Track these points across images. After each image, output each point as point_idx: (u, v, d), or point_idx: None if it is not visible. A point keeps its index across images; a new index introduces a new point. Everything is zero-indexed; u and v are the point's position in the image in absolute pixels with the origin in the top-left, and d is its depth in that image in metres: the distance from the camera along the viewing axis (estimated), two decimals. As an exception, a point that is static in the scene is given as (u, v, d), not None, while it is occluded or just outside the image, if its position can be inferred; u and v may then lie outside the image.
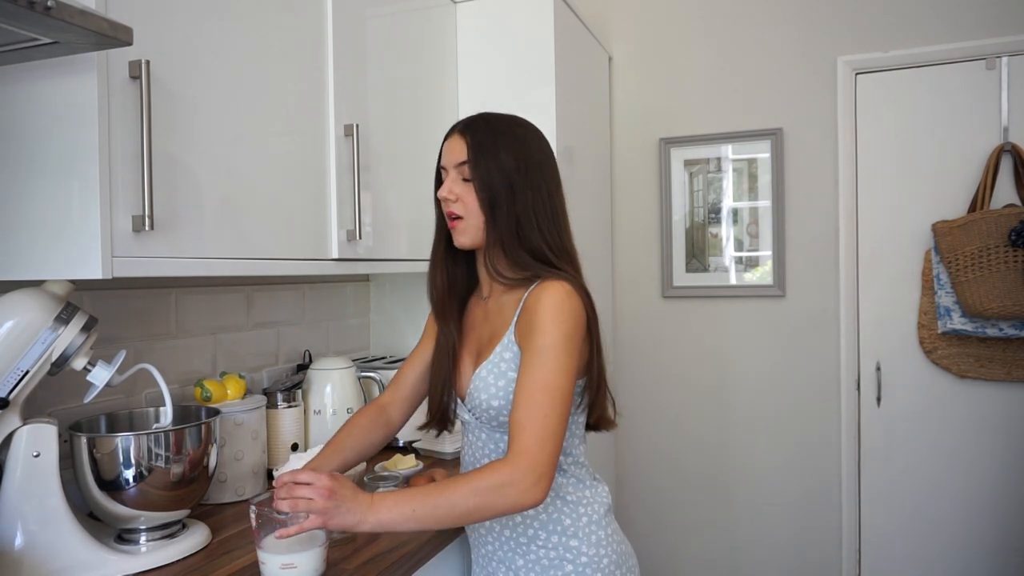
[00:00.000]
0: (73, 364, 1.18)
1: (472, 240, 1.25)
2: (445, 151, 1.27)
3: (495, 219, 1.22)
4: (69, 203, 1.06)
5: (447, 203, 1.25)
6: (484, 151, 1.22)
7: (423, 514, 1.08)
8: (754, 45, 2.65)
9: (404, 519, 1.08)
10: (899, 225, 2.49)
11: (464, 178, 1.23)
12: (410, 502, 1.09)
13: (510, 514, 1.17)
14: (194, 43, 1.24)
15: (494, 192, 1.21)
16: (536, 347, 1.15)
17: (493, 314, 1.30)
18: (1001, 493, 2.40)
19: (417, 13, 1.99)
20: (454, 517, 1.10)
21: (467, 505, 1.09)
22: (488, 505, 1.10)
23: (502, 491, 1.09)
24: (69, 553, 1.15)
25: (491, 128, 1.25)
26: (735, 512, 2.73)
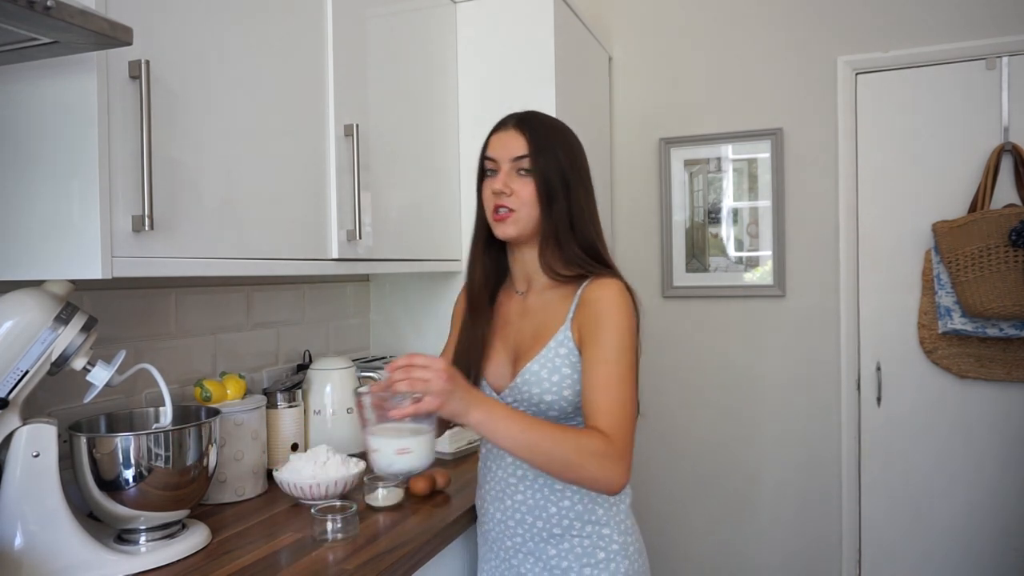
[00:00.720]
0: (73, 364, 1.18)
1: (518, 232, 1.26)
2: (498, 145, 1.28)
3: (551, 213, 1.25)
4: (69, 203, 1.06)
5: (499, 196, 1.25)
6: (543, 146, 1.25)
7: (524, 439, 1.10)
8: (754, 45, 2.65)
9: (507, 431, 1.10)
10: (899, 225, 2.49)
11: (520, 172, 1.25)
12: (519, 422, 1.11)
13: (585, 486, 1.15)
14: (194, 43, 1.24)
15: (551, 187, 1.24)
16: (606, 340, 1.19)
17: (536, 309, 1.31)
18: (1001, 493, 2.40)
19: (417, 13, 1.99)
20: (545, 460, 1.11)
21: (564, 457, 1.10)
22: (580, 466, 1.11)
23: (599, 461, 1.11)
24: (69, 553, 1.15)
25: (546, 125, 1.29)
26: (735, 512, 2.73)
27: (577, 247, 1.25)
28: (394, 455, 1.11)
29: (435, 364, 1.07)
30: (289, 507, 1.53)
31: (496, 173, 1.28)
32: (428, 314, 2.28)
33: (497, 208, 1.26)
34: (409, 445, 1.11)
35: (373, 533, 1.38)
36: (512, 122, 1.29)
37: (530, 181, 1.24)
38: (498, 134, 1.29)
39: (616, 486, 1.13)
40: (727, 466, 2.73)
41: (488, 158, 1.30)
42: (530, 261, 1.32)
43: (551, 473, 1.14)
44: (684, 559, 2.80)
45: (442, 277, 2.24)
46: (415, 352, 1.14)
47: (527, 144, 1.25)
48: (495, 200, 1.26)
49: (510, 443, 1.10)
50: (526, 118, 1.29)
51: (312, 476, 1.50)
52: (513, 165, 1.25)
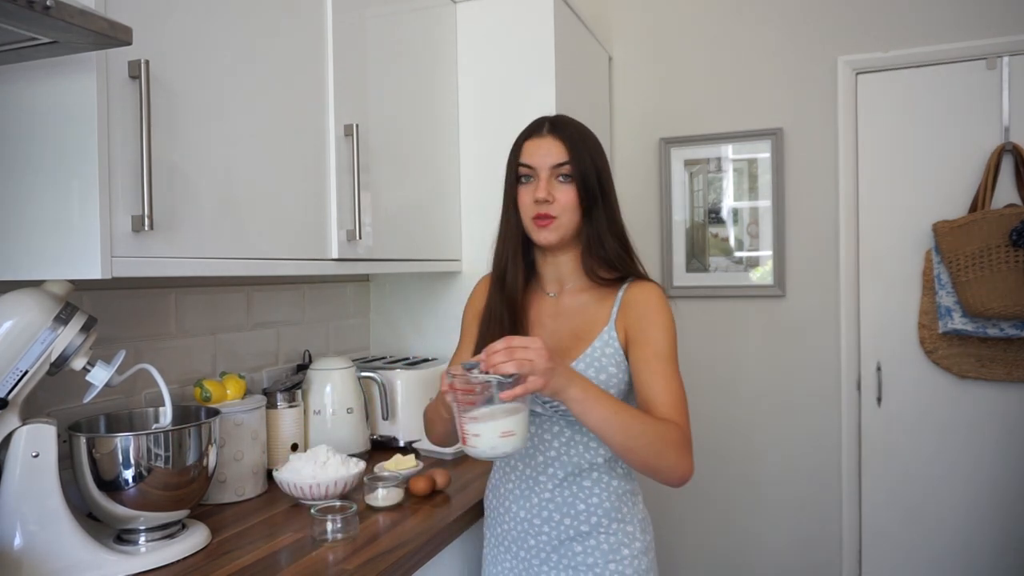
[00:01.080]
0: (72, 364, 1.18)
1: (560, 238, 1.29)
2: (535, 151, 1.29)
3: (592, 218, 1.28)
4: (69, 203, 1.06)
5: (542, 205, 1.26)
6: (581, 152, 1.28)
7: (618, 420, 1.12)
8: (754, 45, 2.65)
9: (602, 410, 1.11)
10: (900, 225, 2.49)
11: (560, 179, 1.27)
12: (612, 403, 1.13)
13: (659, 474, 1.17)
14: (194, 43, 1.24)
15: (591, 192, 1.27)
16: (658, 338, 1.24)
17: (572, 311, 1.33)
18: (1001, 493, 2.40)
19: (417, 13, 1.99)
20: (633, 443, 1.13)
21: (651, 442, 1.14)
22: (661, 454, 1.14)
23: (678, 450, 1.15)
24: (68, 553, 1.15)
25: (579, 131, 1.31)
26: (735, 512, 2.72)
27: (618, 250, 1.30)
28: (498, 438, 1.08)
29: (535, 344, 1.07)
30: (289, 507, 1.53)
31: (532, 180, 1.29)
32: (428, 314, 2.28)
33: (538, 215, 1.27)
34: (511, 427, 1.08)
35: (373, 533, 1.38)
36: (546, 128, 1.30)
37: (571, 188, 1.27)
38: (533, 140, 1.30)
39: (686, 476, 1.17)
40: (727, 465, 2.73)
41: (524, 165, 1.30)
42: (564, 264, 1.34)
43: (631, 457, 1.15)
44: (684, 558, 2.80)
45: (442, 277, 2.24)
46: (507, 337, 1.14)
47: (567, 151, 1.27)
48: (536, 208, 1.27)
49: (602, 422, 1.11)
50: (560, 124, 1.31)
51: (312, 476, 1.50)
52: (553, 172, 1.27)
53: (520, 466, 1.36)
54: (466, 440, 1.10)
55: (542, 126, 1.31)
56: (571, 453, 1.31)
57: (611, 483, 1.32)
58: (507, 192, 1.34)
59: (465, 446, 1.11)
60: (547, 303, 1.36)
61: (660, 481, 1.18)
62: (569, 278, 1.35)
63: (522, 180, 1.30)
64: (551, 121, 1.32)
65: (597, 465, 1.31)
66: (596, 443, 1.31)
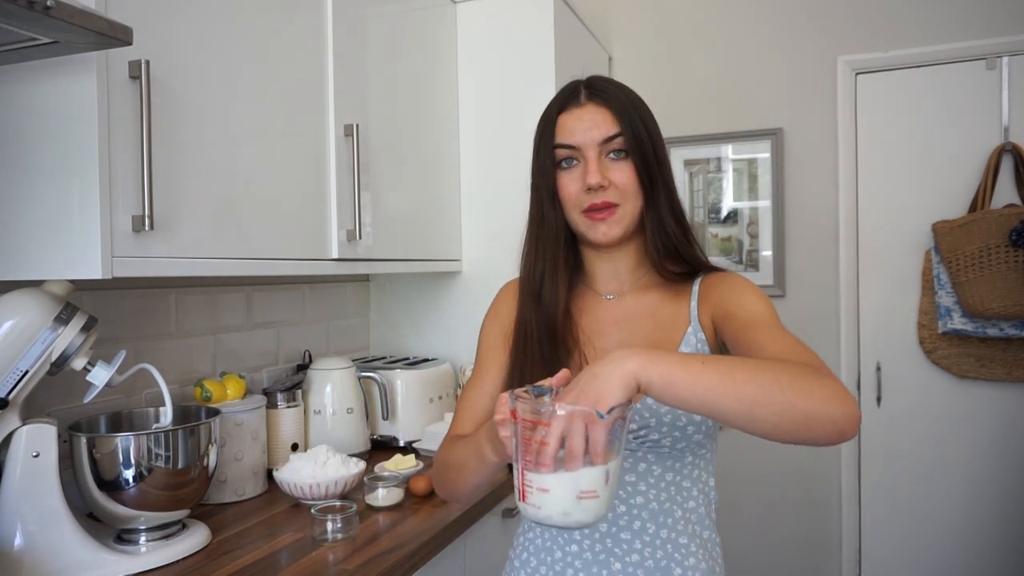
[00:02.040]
0: (73, 364, 1.18)
1: (624, 230, 1.02)
2: (576, 126, 1.02)
3: (655, 200, 1.03)
4: (69, 203, 1.06)
5: (596, 193, 1.00)
6: (633, 118, 1.02)
7: (732, 381, 0.75)
8: (754, 45, 2.65)
9: (701, 378, 0.75)
10: (899, 225, 2.49)
11: (611, 156, 1.01)
12: (704, 363, 0.78)
13: (822, 426, 0.75)
14: (194, 43, 1.24)
15: (650, 167, 1.02)
16: (755, 305, 0.97)
17: (641, 314, 1.07)
18: (1001, 493, 2.40)
19: (417, 13, 1.99)
20: (773, 393, 0.75)
21: (789, 384, 0.75)
22: (814, 392, 0.75)
23: (831, 381, 0.77)
24: (68, 553, 1.15)
25: (623, 90, 1.06)
26: (735, 512, 2.72)
27: (680, 235, 1.04)
28: (574, 499, 0.75)
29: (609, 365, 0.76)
30: (289, 507, 1.53)
31: (576, 162, 1.02)
32: (428, 314, 2.28)
33: (592, 207, 1.01)
34: (595, 484, 0.75)
35: (373, 533, 1.38)
36: (585, 94, 1.04)
37: (627, 165, 1.01)
38: (572, 112, 1.03)
39: (856, 415, 0.77)
40: (727, 466, 2.72)
41: (564, 145, 1.02)
42: (623, 259, 1.08)
43: (771, 414, 0.75)
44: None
45: (442, 277, 2.24)
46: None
47: (616, 119, 1.01)
48: (589, 198, 1.00)
49: (713, 394, 0.75)
50: (599, 86, 1.04)
51: (312, 476, 1.50)
52: (603, 149, 1.01)
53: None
54: (526, 495, 0.77)
55: (578, 92, 1.05)
56: (662, 498, 1.01)
57: (710, 538, 1.04)
58: (540, 184, 1.06)
59: (523, 503, 0.77)
60: (605, 308, 1.09)
61: (822, 438, 0.77)
62: (631, 275, 1.08)
63: (562, 165, 1.03)
64: (589, 84, 1.05)
65: (695, 514, 1.03)
66: (694, 483, 1.03)
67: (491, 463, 0.92)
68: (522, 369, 1.04)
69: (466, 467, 0.98)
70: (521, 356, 1.06)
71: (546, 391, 0.82)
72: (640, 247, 1.07)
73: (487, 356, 1.13)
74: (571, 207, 1.03)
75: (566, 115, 1.04)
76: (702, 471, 1.05)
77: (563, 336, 1.05)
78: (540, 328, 1.05)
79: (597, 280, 1.10)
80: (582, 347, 1.06)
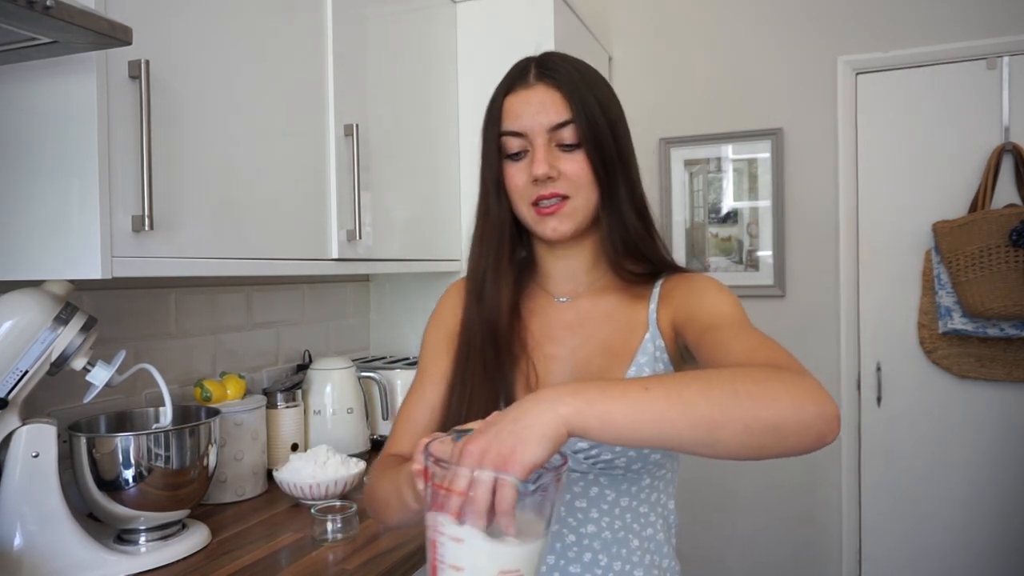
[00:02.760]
0: (72, 364, 1.18)
1: (576, 226, 0.93)
2: (523, 111, 0.92)
3: (613, 192, 0.94)
4: (69, 203, 1.06)
5: (544, 184, 0.91)
6: (587, 100, 0.91)
7: (684, 406, 0.65)
8: (754, 45, 2.65)
9: (649, 409, 0.65)
10: (899, 225, 2.49)
11: (564, 144, 0.91)
12: (645, 388, 0.66)
13: (792, 435, 0.68)
14: (194, 43, 1.24)
15: (607, 156, 0.92)
16: (720, 305, 0.88)
17: (597, 319, 0.97)
18: (1001, 493, 2.40)
19: (417, 13, 1.99)
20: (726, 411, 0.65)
21: (751, 398, 0.65)
22: (775, 399, 0.66)
23: (800, 382, 0.68)
24: (68, 553, 1.14)
25: (578, 68, 0.94)
26: (735, 512, 2.72)
27: (640, 230, 0.96)
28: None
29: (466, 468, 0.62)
30: (289, 507, 1.53)
31: (523, 153, 0.93)
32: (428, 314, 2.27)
33: (540, 200, 0.91)
34: (519, 562, 0.62)
35: (373, 533, 1.37)
36: (535, 73, 0.93)
37: (580, 155, 0.91)
38: (519, 94, 0.93)
39: (835, 415, 0.69)
40: (726, 466, 2.73)
41: (510, 133, 0.92)
42: (578, 258, 0.99)
43: (735, 433, 0.66)
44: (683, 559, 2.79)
45: (442, 277, 2.24)
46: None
47: (567, 103, 0.90)
48: (536, 190, 0.91)
49: (662, 424, 0.65)
50: (551, 64, 0.93)
51: (312, 476, 1.50)
52: (552, 137, 0.91)
53: None
54: (435, 572, 0.64)
55: (527, 72, 0.93)
56: (616, 527, 0.92)
57: (669, 567, 0.97)
58: (485, 173, 0.96)
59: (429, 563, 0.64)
60: (558, 311, 0.99)
61: (799, 448, 0.70)
62: (585, 276, 1.00)
63: (510, 154, 0.94)
64: (540, 63, 0.94)
65: (653, 542, 0.94)
66: (652, 508, 0.94)
67: (413, 510, 0.79)
68: (463, 377, 0.95)
69: (389, 506, 0.86)
70: (463, 363, 0.96)
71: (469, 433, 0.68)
72: (597, 244, 0.98)
73: (428, 363, 1.03)
74: (519, 200, 0.94)
75: (513, 97, 0.93)
76: (661, 494, 0.95)
77: (508, 341, 0.95)
78: (482, 332, 0.96)
79: (550, 280, 1.01)
80: (530, 353, 0.96)
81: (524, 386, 0.94)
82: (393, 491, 0.83)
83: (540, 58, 0.95)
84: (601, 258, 0.99)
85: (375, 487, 0.92)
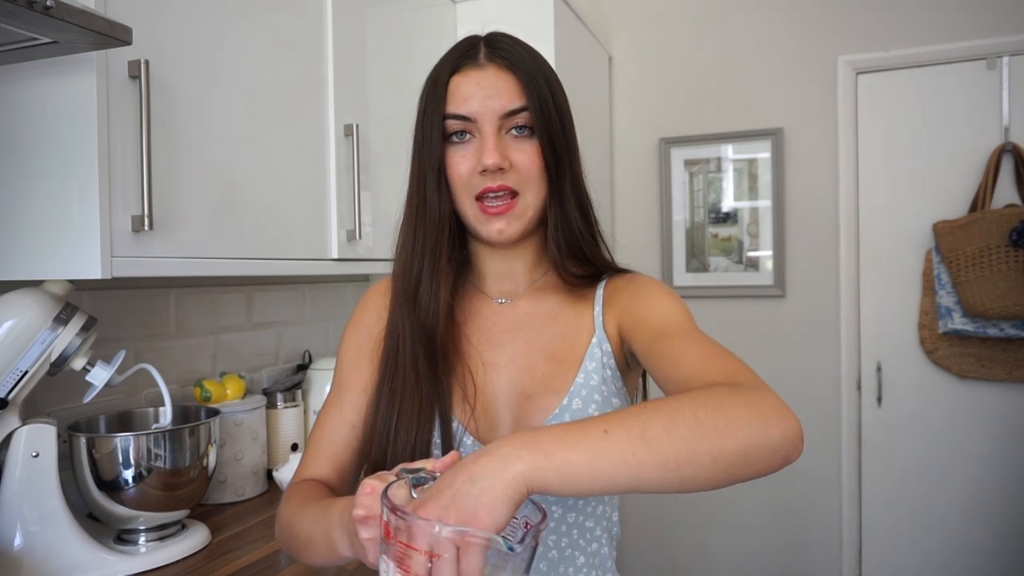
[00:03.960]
0: (72, 364, 1.18)
1: (525, 226, 0.86)
2: (473, 93, 0.84)
3: (560, 189, 0.87)
4: (69, 203, 1.06)
5: (493, 176, 0.83)
6: (542, 89, 0.85)
7: (650, 446, 0.60)
8: (754, 45, 2.65)
9: (587, 452, 0.60)
10: (900, 225, 2.49)
11: (515, 131, 0.84)
12: (603, 431, 0.61)
13: (759, 460, 0.65)
14: (194, 43, 1.24)
15: (558, 149, 0.86)
16: (666, 310, 0.84)
17: (539, 322, 0.91)
18: (1002, 493, 2.40)
19: (417, 13, 1.99)
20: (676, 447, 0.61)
21: (702, 425, 0.62)
22: (739, 428, 0.63)
23: (759, 402, 0.67)
24: (68, 553, 1.14)
25: (529, 52, 0.89)
26: (735, 512, 2.72)
27: (583, 230, 0.89)
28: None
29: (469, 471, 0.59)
30: (289, 507, 1.53)
31: (470, 136, 0.85)
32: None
33: (487, 193, 0.83)
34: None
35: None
36: (485, 53, 0.86)
37: (532, 145, 0.84)
38: (468, 74, 0.84)
39: (798, 434, 0.69)
40: (727, 466, 2.73)
41: (456, 116, 0.84)
42: (519, 257, 0.92)
43: (715, 471, 0.62)
44: (682, 559, 2.80)
45: (442, 277, 2.24)
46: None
47: (521, 89, 0.83)
48: (484, 181, 0.83)
49: (628, 470, 0.60)
50: (503, 44, 0.87)
51: (312, 476, 1.50)
52: (504, 123, 0.83)
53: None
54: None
55: (476, 50, 0.86)
56: (563, 544, 0.87)
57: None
58: (423, 159, 0.87)
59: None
60: (496, 313, 0.92)
61: (764, 470, 0.67)
62: (525, 276, 0.93)
63: (453, 139, 0.85)
64: (487, 41, 0.87)
65: (598, 557, 0.90)
66: (597, 522, 0.90)
67: (340, 556, 0.72)
68: (391, 388, 0.85)
69: (312, 546, 0.76)
70: (391, 371, 0.87)
71: (425, 480, 0.63)
72: (540, 244, 0.92)
73: (347, 375, 0.92)
74: (461, 191, 0.85)
75: (460, 77, 0.85)
76: (606, 507, 0.91)
77: (444, 347, 0.86)
78: (415, 337, 0.86)
79: (487, 280, 0.93)
80: (467, 361, 0.88)
81: (461, 397, 0.86)
82: (320, 534, 0.74)
83: (489, 37, 0.88)
84: (543, 258, 0.93)
85: (293, 522, 0.80)
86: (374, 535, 0.63)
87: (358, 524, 0.64)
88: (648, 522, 2.83)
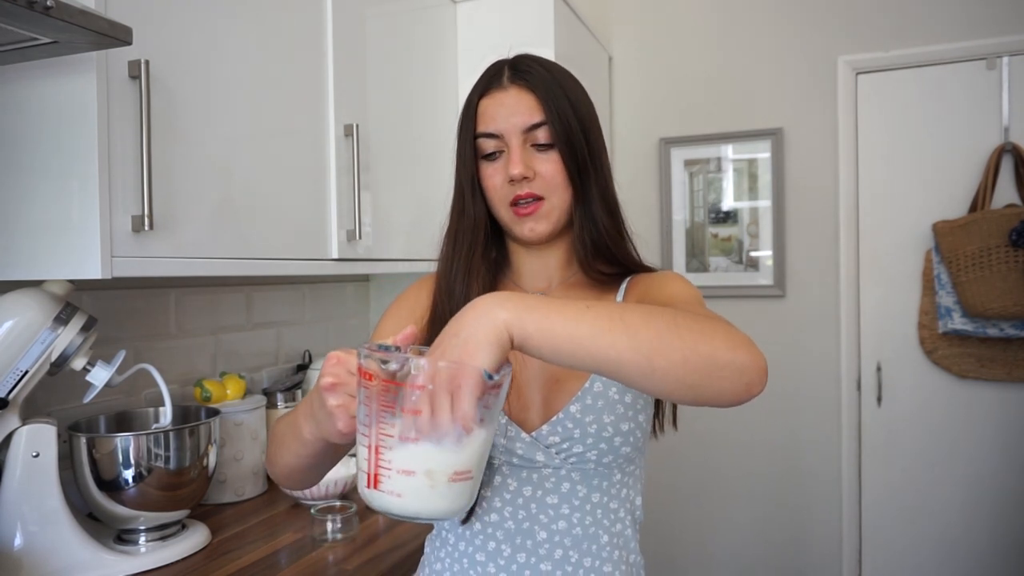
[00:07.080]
0: (72, 364, 1.18)
1: (553, 227, 0.96)
2: (498, 112, 0.94)
3: (586, 193, 0.96)
4: (69, 203, 1.06)
5: (520, 184, 0.93)
6: (560, 101, 0.94)
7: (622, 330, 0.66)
8: (754, 45, 2.65)
9: (567, 317, 0.66)
10: (899, 225, 2.49)
11: (538, 144, 0.94)
12: (584, 309, 0.68)
13: (721, 380, 0.69)
14: (194, 43, 1.24)
15: (580, 156, 0.94)
16: (680, 295, 0.91)
17: None
18: (1001, 492, 2.40)
19: (417, 13, 1.99)
20: (651, 336, 0.67)
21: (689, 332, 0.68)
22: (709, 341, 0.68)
23: (731, 334, 0.71)
24: (68, 553, 1.15)
25: (550, 69, 0.97)
26: (735, 511, 2.72)
27: (611, 230, 0.97)
28: (445, 484, 0.59)
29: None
30: (289, 507, 1.53)
31: (500, 153, 0.95)
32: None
33: (518, 200, 0.94)
34: (471, 462, 0.60)
35: (373, 533, 1.38)
36: (508, 75, 0.96)
37: (554, 156, 0.94)
38: (493, 96, 0.95)
39: (762, 366, 0.71)
40: (726, 466, 2.73)
41: (486, 135, 0.95)
42: (552, 256, 1.01)
43: (684, 370, 0.68)
44: (682, 558, 2.80)
45: (442, 277, 2.24)
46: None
47: (541, 105, 0.93)
48: (514, 190, 0.93)
49: (602, 342, 0.65)
50: (524, 67, 0.96)
51: (312, 476, 1.50)
52: (527, 138, 0.94)
53: (502, 546, 0.91)
54: (379, 480, 0.60)
55: (500, 74, 0.96)
56: (587, 523, 0.92)
57: (635, 562, 0.98)
58: (461, 173, 0.99)
59: (374, 491, 0.62)
60: None
61: (728, 391, 0.71)
62: (558, 273, 1.02)
63: (486, 155, 0.96)
64: (513, 66, 0.96)
65: (622, 537, 0.95)
66: (621, 504, 0.95)
67: (305, 442, 0.78)
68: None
69: (283, 444, 0.86)
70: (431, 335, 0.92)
71: (391, 350, 0.66)
72: (571, 243, 1.00)
73: (383, 327, 1.04)
74: (497, 200, 0.96)
75: (487, 100, 0.96)
76: (630, 489, 0.97)
77: None
78: None
79: (523, 277, 1.03)
80: None
81: None
82: (288, 426, 0.84)
83: (513, 60, 0.98)
84: (573, 257, 1.01)
85: (274, 431, 0.92)
86: (342, 402, 0.68)
87: (325, 392, 0.69)
88: (648, 519, 2.82)
